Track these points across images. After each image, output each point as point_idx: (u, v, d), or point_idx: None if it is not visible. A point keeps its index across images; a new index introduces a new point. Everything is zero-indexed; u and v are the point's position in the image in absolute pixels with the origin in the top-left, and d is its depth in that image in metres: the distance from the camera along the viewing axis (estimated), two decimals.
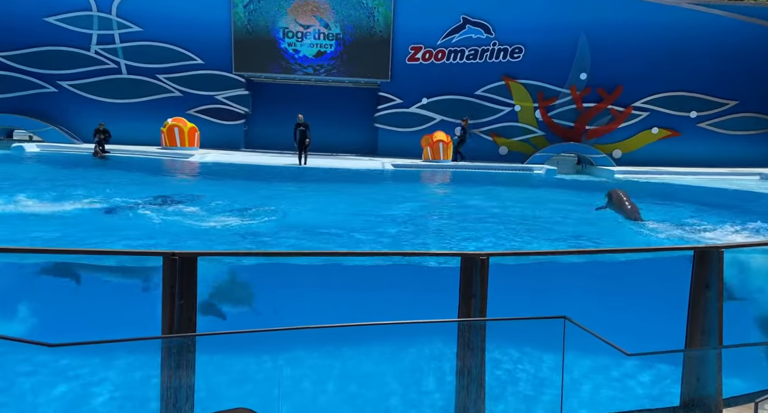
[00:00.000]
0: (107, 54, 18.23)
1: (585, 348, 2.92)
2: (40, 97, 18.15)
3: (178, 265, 2.83)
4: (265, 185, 11.48)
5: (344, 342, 2.86)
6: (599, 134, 19.27)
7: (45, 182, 10.15)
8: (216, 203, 8.46)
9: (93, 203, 8.05)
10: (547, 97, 19.02)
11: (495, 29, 18.54)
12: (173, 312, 2.82)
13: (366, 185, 12.43)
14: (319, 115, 20.04)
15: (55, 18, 17.72)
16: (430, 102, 19.13)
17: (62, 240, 5.79)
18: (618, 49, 18.36)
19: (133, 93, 18.52)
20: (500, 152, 19.39)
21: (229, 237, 6.22)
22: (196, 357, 2.63)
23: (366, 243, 6.22)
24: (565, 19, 18.15)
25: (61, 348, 1.90)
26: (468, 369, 2.70)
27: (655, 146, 19.29)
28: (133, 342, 2.61)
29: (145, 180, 11.60)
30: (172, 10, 17.90)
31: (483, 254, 3.12)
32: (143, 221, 7.00)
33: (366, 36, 18.67)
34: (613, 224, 8.22)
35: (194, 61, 18.53)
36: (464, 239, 6.72)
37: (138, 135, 17.87)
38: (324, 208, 8.54)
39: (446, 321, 2.78)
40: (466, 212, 8.94)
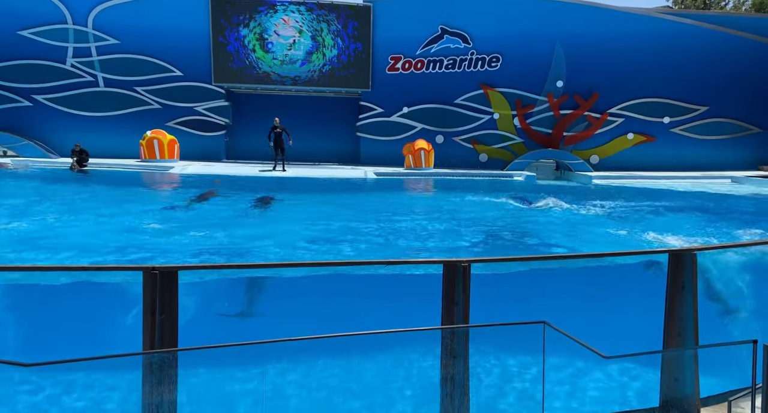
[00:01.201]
0: (84, 67, 18.00)
1: (566, 351, 2.97)
2: (14, 112, 17.81)
3: (159, 279, 2.81)
4: (250, 195, 11.39)
5: (327, 353, 2.86)
6: (576, 140, 19.64)
7: (20, 198, 9.95)
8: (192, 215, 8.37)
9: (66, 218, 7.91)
10: (525, 104, 19.34)
11: (472, 39, 18.82)
12: (154, 327, 2.79)
13: (350, 194, 12.45)
14: (301, 125, 20.05)
15: (30, 31, 17.47)
16: (410, 111, 19.29)
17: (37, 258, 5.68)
18: (593, 58, 18.79)
19: (111, 106, 18.29)
20: (480, 159, 19.61)
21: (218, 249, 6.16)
22: (179, 372, 2.61)
23: (353, 252, 6.22)
24: (540, 29, 18.54)
25: (38, 367, 1.87)
26: (451, 377, 2.72)
27: (630, 151, 19.71)
28: (113, 358, 2.57)
29: (130, 193, 11.44)
30: (149, 22, 17.78)
31: (464, 261, 3.15)
32: (135, 235, 6.90)
33: (347, 48, 18.77)
34: (590, 229, 8.37)
35: (173, 73, 18.40)
36: (449, 247, 6.77)
37: (117, 148, 17.63)
38: (309, 218, 8.52)
39: (429, 328, 2.80)
40: (448, 218, 9.01)
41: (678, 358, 3.30)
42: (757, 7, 30.93)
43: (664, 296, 3.58)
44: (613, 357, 2.35)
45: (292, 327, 3.17)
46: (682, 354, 3.27)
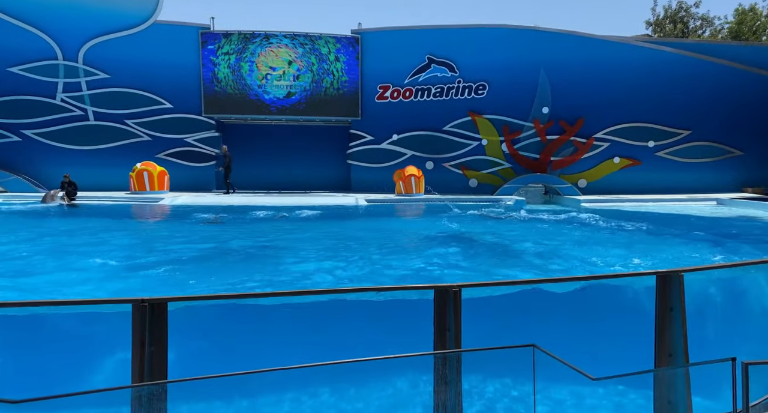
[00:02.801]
0: (73, 101, 18.13)
1: (557, 375, 2.97)
2: (4, 147, 17.82)
3: (148, 311, 2.80)
4: (249, 223, 11.36)
5: (319, 381, 2.84)
6: (564, 164, 19.94)
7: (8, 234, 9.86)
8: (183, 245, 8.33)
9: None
10: (512, 130, 19.69)
11: (459, 68, 19.27)
12: (143, 359, 2.76)
13: (342, 221, 12.47)
14: (292, 153, 20.26)
15: (19, 68, 17.64)
16: (400, 138, 19.55)
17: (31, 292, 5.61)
18: (577, 84, 19.29)
19: (101, 139, 18.37)
20: (470, 184, 19.82)
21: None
22: (168, 405, 2.57)
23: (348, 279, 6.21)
24: (525, 57, 19.05)
25: (25, 406, 1.84)
26: (443, 404, 2.71)
27: (617, 174, 20.03)
28: (102, 393, 2.53)
29: (125, 226, 11.38)
30: (139, 56, 18.04)
31: (455, 285, 3.17)
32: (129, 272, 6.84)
33: (333, 79, 19.12)
34: (577, 251, 8.43)
35: (163, 105, 18.58)
36: (441, 272, 6.78)
37: (106, 181, 17.63)
38: (300, 245, 8.51)
39: (420, 354, 2.80)
40: (440, 243, 9.04)
41: (669, 379, 3.31)
42: (734, 35, 32.06)
43: (654, 318, 3.60)
44: (601, 379, 2.36)
45: (281, 356, 3.14)
46: (674, 375, 3.28)
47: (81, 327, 3.50)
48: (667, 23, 34.90)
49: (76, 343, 3.88)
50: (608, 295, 4.60)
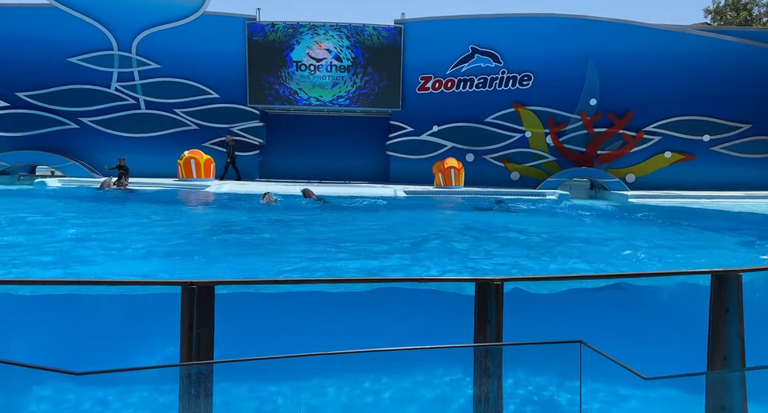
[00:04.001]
0: (127, 91, 18.85)
1: (604, 373, 2.88)
2: (62, 134, 18.74)
3: (197, 294, 2.89)
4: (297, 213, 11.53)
5: (361, 368, 2.86)
6: (611, 158, 19.28)
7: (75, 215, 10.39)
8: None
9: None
10: (558, 123, 19.16)
11: (504, 58, 18.87)
12: (191, 340, 2.86)
13: (383, 212, 12.51)
14: (332, 144, 20.44)
15: (78, 58, 18.45)
16: (441, 129, 19.38)
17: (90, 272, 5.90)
18: (627, 75, 18.55)
19: (151, 127, 19.05)
20: (512, 177, 19.46)
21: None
22: (213, 385, 2.65)
23: (382, 269, 6.23)
24: (572, 47, 18.45)
25: (87, 378, 1.94)
26: (485, 396, 2.68)
27: (668, 169, 19.21)
28: (152, 370, 2.64)
29: (177, 211, 11.80)
30: (188, 47, 18.55)
31: (497, 279, 3.13)
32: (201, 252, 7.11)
33: (377, 68, 19.09)
34: (624, 247, 8.14)
35: (210, 95, 19.06)
36: (480, 263, 6.71)
37: (156, 168, 18.29)
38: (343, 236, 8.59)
39: (462, 346, 2.78)
40: (481, 237, 8.94)
41: (724, 383, 3.16)
42: None
43: (708, 320, 3.45)
44: (653, 378, 2.27)
45: (325, 342, 3.18)
46: (730, 379, 3.13)
47: (133, 306, 3.66)
48: (728, 11, 33.01)
49: (127, 321, 4.06)
50: (656, 294, 4.43)
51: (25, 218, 9.79)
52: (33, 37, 18.02)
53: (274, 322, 3.45)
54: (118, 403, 3.18)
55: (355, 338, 3.26)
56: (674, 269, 6.31)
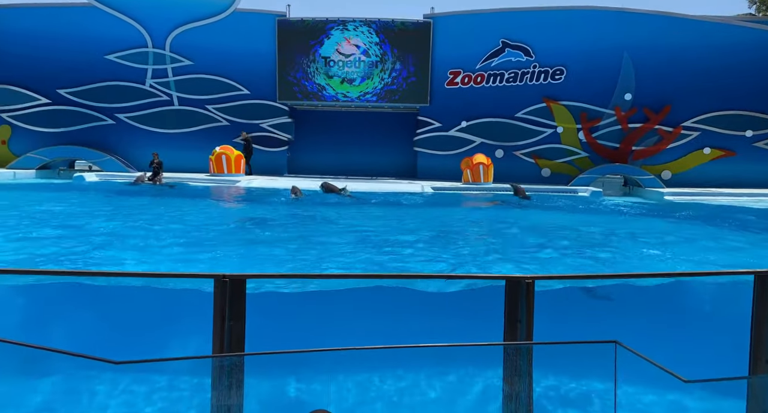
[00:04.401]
0: (161, 87, 19.29)
1: (639, 375, 2.80)
2: (99, 130, 19.32)
3: (229, 287, 2.93)
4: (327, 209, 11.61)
5: (391, 364, 2.86)
6: (646, 154, 18.73)
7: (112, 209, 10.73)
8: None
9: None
10: (591, 118, 18.72)
11: (535, 52, 18.53)
12: (223, 332, 2.91)
13: (408, 208, 12.48)
14: (360, 140, 20.47)
15: (115, 55, 18.97)
16: (469, 125, 19.18)
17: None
18: (665, 69, 17.96)
19: (184, 123, 19.45)
20: (543, 173, 19.13)
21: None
22: (245, 377, 2.69)
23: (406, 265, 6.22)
24: (607, 40, 17.97)
25: (123, 367, 2.00)
26: (516, 395, 2.64)
27: (707, 166, 18.54)
28: (185, 361, 2.70)
29: (205, 204, 12.05)
30: (220, 43, 18.84)
31: (528, 277, 3.07)
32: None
33: (405, 62, 19.01)
34: (658, 245, 7.91)
35: (240, 91, 19.34)
36: (508, 261, 6.62)
37: (188, 163, 18.68)
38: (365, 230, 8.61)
39: (492, 344, 2.74)
40: (510, 234, 8.82)
41: (766, 388, 3.03)
42: None
43: (750, 322, 3.31)
44: (694, 381, 2.19)
45: (351, 338, 3.19)
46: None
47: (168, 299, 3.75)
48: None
49: (159, 313, 4.16)
50: (695, 294, 4.28)
51: (63, 211, 10.15)
52: (72, 35, 18.61)
53: (307, 316, 3.48)
54: (155, 393, 3.27)
55: (380, 334, 3.26)
56: (714, 269, 6.10)
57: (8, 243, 6.81)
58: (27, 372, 2.98)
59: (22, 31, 18.52)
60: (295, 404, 2.95)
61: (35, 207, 10.60)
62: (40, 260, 5.95)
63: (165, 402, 3.38)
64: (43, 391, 3.17)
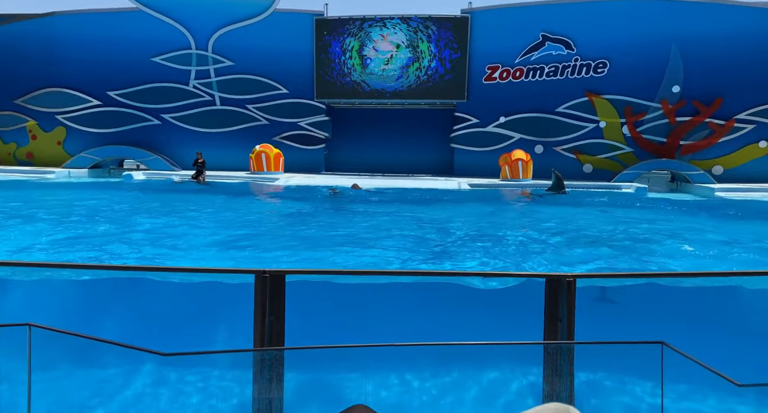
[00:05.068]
0: (203, 88, 19.86)
1: (684, 378, 2.71)
2: (146, 130, 20.08)
3: (269, 282, 3.00)
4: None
5: (427, 361, 2.86)
6: (696, 149, 17.94)
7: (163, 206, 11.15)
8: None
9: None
10: (636, 112, 18.08)
11: (577, 45, 18.04)
12: (264, 327, 2.98)
13: (445, 204, 12.41)
14: (396, 137, 20.49)
15: (161, 58, 19.65)
16: (508, 121, 18.87)
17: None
18: (716, 60, 17.15)
19: (226, 122, 19.97)
20: (584, 169, 18.62)
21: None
22: (285, 370, 2.75)
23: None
24: (653, 31, 17.30)
25: (171, 359, 2.08)
26: (557, 394, 2.60)
27: (763, 161, 17.60)
28: (228, 354, 2.79)
29: (248, 201, 12.35)
30: (260, 44, 19.23)
31: (570, 275, 3.01)
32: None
33: (442, 58, 18.87)
34: (712, 243, 7.57)
35: (279, 90, 19.67)
36: (549, 260, 6.49)
37: (230, 161, 19.18)
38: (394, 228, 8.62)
39: (533, 343, 2.70)
40: (551, 232, 8.64)
41: None
42: None
43: None
44: (748, 386, 2.09)
45: (389, 334, 3.21)
46: None
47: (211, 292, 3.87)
48: None
49: (202, 307, 4.29)
50: (747, 295, 4.09)
51: (113, 208, 10.61)
52: (122, 39, 19.39)
53: (347, 311, 3.52)
54: (198, 386, 3.38)
55: (423, 330, 3.26)
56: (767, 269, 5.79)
57: (62, 239, 7.18)
58: (78, 362, 3.14)
59: (77, 36, 19.44)
60: (333, 399, 3.00)
61: (87, 203, 11.15)
62: (93, 254, 6.25)
63: (207, 394, 3.49)
64: (94, 380, 3.34)
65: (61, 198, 12.60)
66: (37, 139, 20.28)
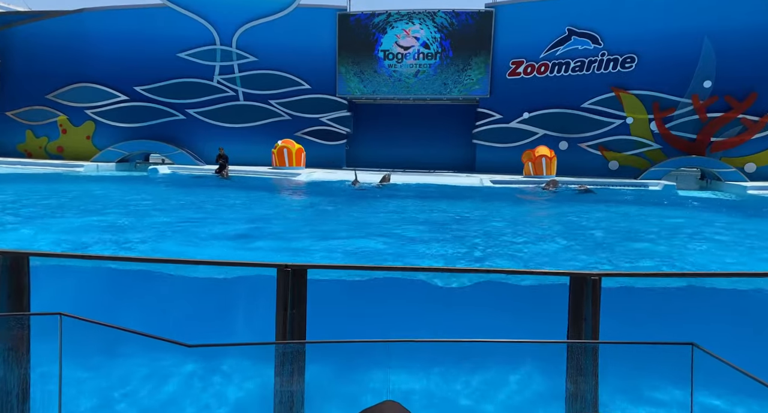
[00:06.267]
0: (227, 83, 20.07)
1: (714, 382, 2.62)
2: (171, 125, 20.40)
3: (291, 276, 3.01)
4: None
5: (449, 358, 2.84)
6: (727, 146, 17.40)
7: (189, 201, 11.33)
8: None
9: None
10: (664, 108, 17.63)
11: (604, 39, 17.65)
12: (286, 320, 2.99)
13: (468, 200, 12.32)
14: (417, 132, 20.39)
15: (186, 53, 19.92)
16: (531, 116, 18.60)
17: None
18: (750, 53, 16.57)
19: (249, 118, 20.15)
20: (610, 166, 18.25)
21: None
22: (306, 364, 2.76)
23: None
24: (684, 24, 16.81)
25: (195, 350, 2.11)
26: (581, 395, 2.55)
27: None
28: (250, 347, 2.81)
29: (270, 197, 12.47)
30: (283, 39, 19.32)
31: (595, 274, 2.94)
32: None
33: (466, 53, 18.69)
34: (743, 243, 7.34)
35: (302, 86, 19.76)
36: (572, 258, 6.38)
37: (252, 156, 19.37)
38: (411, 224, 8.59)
39: (557, 341, 2.65)
40: (575, 229, 8.50)
41: None
42: None
43: None
44: None
45: (411, 331, 3.19)
46: None
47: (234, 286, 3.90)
48: None
49: (224, 300, 4.34)
50: None
51: (140, 201, 10.83)
52: (149, 35, 19.71)
53: (368, 306, 3.52)
54: (221, 377, 3.42)
55: (444, 326, 3.23)
56: None
57: (86, 230, 7.34)
58: (103, 352, 3.21)
59: (105, 33, 19.84)
60: (354, 393, 3.00)
61: (113, 196, 11.40)
62: (115, 246, 6.37)
63: (229, 386, 3.53)
64: (120, 369, 3.41)
65: (87, 190, 12.90)
66: (67, 133, 20.81)
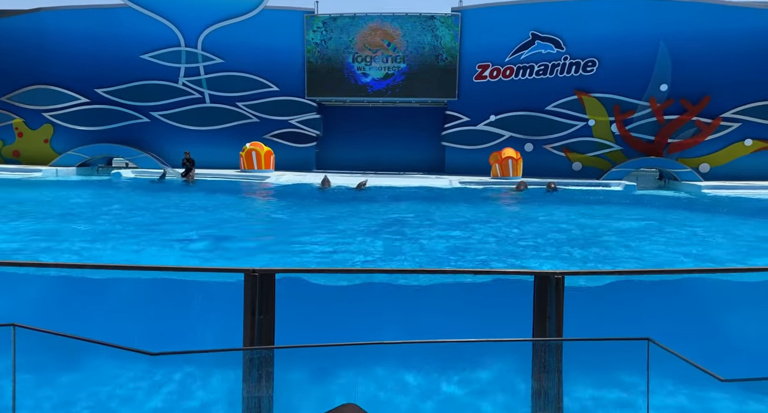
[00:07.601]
0: (193, 85, 19.70)
1: (670, 374, 2.74)
2: (135, 127, 19.88)
3: (258, 281, 2.99)
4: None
5: (416, 358, 2.87)
6: (683, 147, 18.13)
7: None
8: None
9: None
10: (624, 110, 18.23)
11: (566, 43, 18.13)
12: (254, 326, 2.98)
13: (435, 202, 12.44)
14: (387, 135, 20.46)
15: (149, 55, 19.45)
16: (498, 119, 18.93)
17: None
18: (703, 58, 17.30)
19: (215, 120, 19.82)
20: (573, 167, 18.75)
21: None
22: (275, 369, 2.75)
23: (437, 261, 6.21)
24: (642, 29, 17.43)
25: (160, 358, 2.08)
26: (545, 391, 2.62)
27: (748, 159, 17.83)
28: (217, 353, 2.77)
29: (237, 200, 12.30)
30: (250, 41, 19.09)
31: (558, 273, 3.03)
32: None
33: (432, 58, 18.90)
34: (697, 240, 7.66)
35: (270, 88, 19.57)
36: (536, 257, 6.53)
37: (219, 159, 19.05)
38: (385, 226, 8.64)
39: (521, 339, 2.72)
40: (539, 229, 8.70)
41: None
42: None
43: None
44: (731, 381, 2.13)
45: (378, 333, 3.22)
46: None
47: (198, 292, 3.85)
48: None
49: (189, 307, 4.27)
50: (731, 291, 4.15)
51: (101, 207, 10.52)
52: (110, 35, 19.15)
53: (336, 310, 3.52)
54: (187, 385, 3.37)
55: (415, 327, 3.27)
56: (755, 265, 5.88)
57: (47, 237, 7.10)
58: (62, 362, 3.12)
59: (63, 33, 19.17)
60: (323, 397, 3.00)
61: (74, 201, 11.03)
62: (76, 253, 6.18)
63: (196, 394, 3.47)
64: (81, 381, 3.31)
65: (47, 196, 12.46)
66: (24, 136, 20.01)
